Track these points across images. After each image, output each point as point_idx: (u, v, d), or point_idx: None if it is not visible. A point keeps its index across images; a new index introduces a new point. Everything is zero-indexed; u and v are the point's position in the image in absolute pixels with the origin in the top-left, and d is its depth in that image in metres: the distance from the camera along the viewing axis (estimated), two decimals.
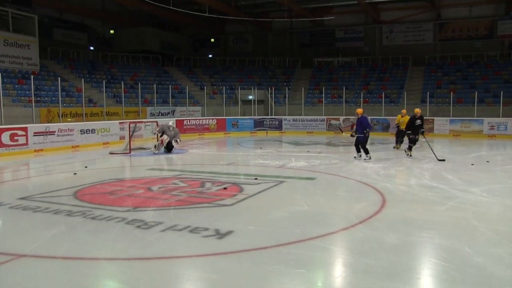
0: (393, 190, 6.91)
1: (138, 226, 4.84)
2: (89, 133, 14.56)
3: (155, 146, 12.36)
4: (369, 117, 20.97)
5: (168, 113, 21.99)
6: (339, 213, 5.52)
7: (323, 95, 23.64)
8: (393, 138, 17.53)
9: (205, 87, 24.07)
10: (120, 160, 11.25)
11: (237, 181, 7.81)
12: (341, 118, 21.61)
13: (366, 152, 10.75)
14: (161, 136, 12.27)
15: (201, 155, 12.54)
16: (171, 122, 12.64)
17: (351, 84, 28.15)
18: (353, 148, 11.55)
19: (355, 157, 10.70)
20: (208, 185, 7.37)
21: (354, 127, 10.69)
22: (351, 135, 11.08)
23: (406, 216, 5.36)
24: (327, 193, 6.78)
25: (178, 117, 21.62)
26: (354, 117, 12.06)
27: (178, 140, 12.42)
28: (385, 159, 10.92)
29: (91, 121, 16.73)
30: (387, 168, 9.24)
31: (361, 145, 10.81)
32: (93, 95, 22.31)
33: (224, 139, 19.18)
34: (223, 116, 22.08)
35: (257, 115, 22.96)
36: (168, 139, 12.21)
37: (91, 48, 28.67)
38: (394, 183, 7.52)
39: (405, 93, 22.33)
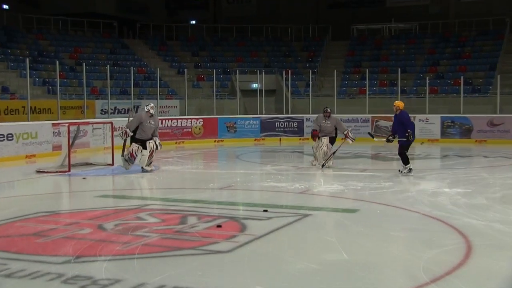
0: (483, 229, 6.77)
1: (83, 287, 4.76)
2: (3, 140, 14.62)
3: (126, 160, 12.26)
4: (439, 115, 21.15)
5: (128, 109, 22.10)
6: (397, 266, 5.44)
7: (367, 82, 23.71)
8: (478, 148, 17.41)
9: (185, 70, 24.20)
10: (54, 183, 11.25)
11: (236, 215, 7.76)
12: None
13: (405, 161, 11.38)
14: (132, 139, 12.06)
15: (180, 174, 12.54)
16: (150, 105, 12.20)
17: (411, 64, 28.49)
18: (418, 163, 11.61)
19: (400, 171, 11.44)
20: (192, 220, 7.29)
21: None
22: (388, 140, 11.62)
23: (505, 273, 5.22)
24: (377, 234, 6.65)
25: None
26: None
27: (157, 143, 12.25)
28: (467, 181, 10.86)
29: (7, 121, 16.80)
30: (471, 195, 9.11)
31: (400, 152, 11.36)
32: (9, 81, 22.48)
33: (214, 150, 19.21)
34: (213, 114, 22.17)
35: (266, 113, 23.00)
36: (140, 147, 12.00)
37: (5, 7, 28.89)
38: (485, 218, 7.38)
39: (498, 76, 22.25)
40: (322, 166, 12.33)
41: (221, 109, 23.64)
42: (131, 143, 12.09)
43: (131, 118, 12.48)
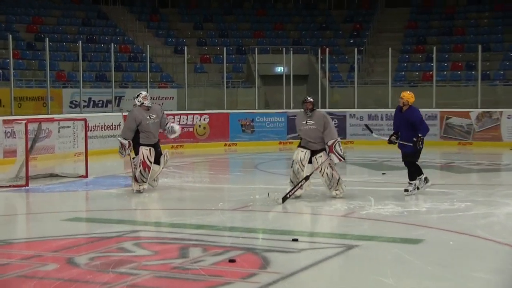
0: None
1: None
2: None
3: (136, 178, 11.44)
4: (478, 111, 21.05)
5: (108, 101, 22.26)
6: None
7: (434, 64, 23.57)
8: None
9: (185, 48, 24.27)
10: (6, 201, 11.27)
11: (254, 245, 7.77)
12: (475, 112, 21.42)
13: (413, 176, 11.22)
14: (136, 147, 11.51)
15: (178, 190, 12.60)
16: (142, 95, 11.73)
17: (496, 38, 28.33)
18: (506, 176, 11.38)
19: (408, 191, 11.15)
20: (195, 252, 7.28)
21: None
22: (390, 141, 11.56)
23: None
24: (450, 275, 6.55)
25: (128, 112, 21.69)
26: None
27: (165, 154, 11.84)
28: None
29: None
30: None
31: (407, 162, 11.22)
32: None
33: (224, 157, 19.27)
34: (223, 109, 22.24)
35: (294, 107, 22.99)
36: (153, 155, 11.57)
37: None
38: None
39: None
40: (284, 199, 10.32)
41: (233, 102, 23.70)
42: (136, 151, 11.51)
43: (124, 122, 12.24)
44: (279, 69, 25.94)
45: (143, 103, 11.52)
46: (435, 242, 7.90)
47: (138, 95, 11.64)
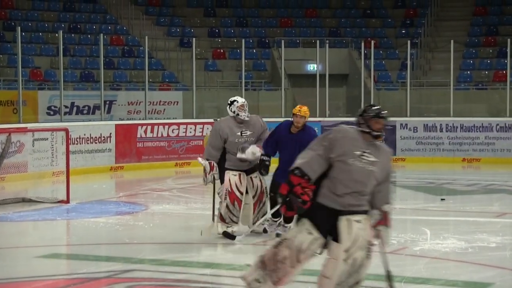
0: None
1: None
2: None
3: (221, 217, 10.46)
4: None
5: (96, 107, 22.37)
6: None
7: (508, 60, 23.44)
8: None
9: (193, 40, 24.36)
10: None
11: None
12: None
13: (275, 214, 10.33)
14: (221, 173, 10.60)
15: (183, 218, 12.68)
16: (240, 101, 10.56)
17: None
18: None
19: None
20: None
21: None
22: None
23: None
24: None
25: (121, 120, 21.99)
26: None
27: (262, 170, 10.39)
28: None
29: None
30: None
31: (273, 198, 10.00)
32: None
33: None
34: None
35: (331, 115, 23.01)
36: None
37: None
38: None
39: None
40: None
41: (254, 107, 23.73)
42: (221, 180, 10.68)
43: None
44: (312, 67, 26.01)
45: (238, 114, 10.48)
46: (507, 286, 7.92)
47: (232, 103, 10.56)
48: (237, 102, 10.54)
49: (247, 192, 10.42)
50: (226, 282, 8.01)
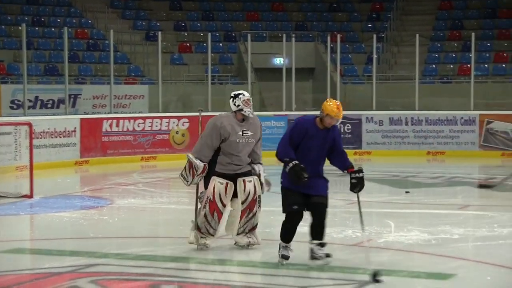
0: None
1: None
2: None
3: (197, 226, 9.40)
4: None
5: (61, 101, 22.25)
6: None
7: (472, 55, 23.62)
8: None
9: (159, 33, 24.30)
10: None
11: (246, 283, 7.85)
12: None
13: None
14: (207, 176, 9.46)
15: (148, 212, 12.65)
16: (245, 95, 9.38)
17: None
18: None
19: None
20: None
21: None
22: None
23: None
24: None
25: (86, 114, 21.92)
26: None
27: (262, 179, 9.66)
28: None
29: None
30: None
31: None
32: None
33: None
34: (207, 110, 22.26)
35: (298, 109, 23.04)
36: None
37: None
38: None
39: None
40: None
41: (221, 102, 23.73)
42: (206, 184, 9.53)
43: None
44: (278, 61, 26.02)
45: (242, 109, 9.36)
46: (469, 277, 7.97)
47: (237, 96, 9.38)
48: (243, 95, 9.35)
49: (236, 196, 9.25)
50: (191, 275, 8.00)
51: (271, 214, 10.62)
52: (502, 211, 12.16)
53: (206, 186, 9.40)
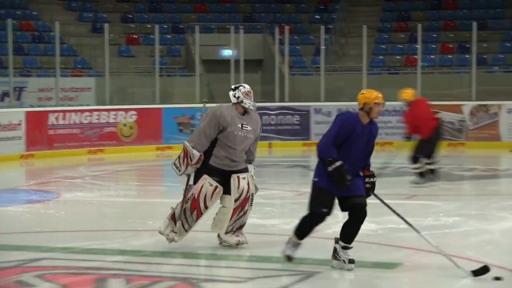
0: None
1: None
2: None
3: (173, 216, 8.94)
4: None
5: (5, 93, 22.01)
6: None
7: (419, 45, 23.85)
8: None
9: (105, 25, 24.13)
10: None
11: (192, 274, 7.84)
12: (468, 106, 21.78)
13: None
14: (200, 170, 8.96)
15: (95, 206, 12.59)
16: (245, 88, 9.19)
17: (495, 14, 28.49)
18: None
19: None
20: (115, 284, 7.34)
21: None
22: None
23: None
24: None
25: (32, 107, 21.67)
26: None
27: (251, 176, 9.18)
28: None
29: None
30: None
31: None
32: None
33: (156, 164, 19.37)
34: (155, 103, 22.25)
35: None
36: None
37: None
38: None
39: None
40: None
41: (168, 94, 23.69)
42: (196, 179, 9.07)
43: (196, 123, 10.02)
44: (227, 53, 25.96)
45: (242, 101, 9.10)
46: (415, 266, 8.06)
47: (238, 88, 9.19)
48: (244, 87, 9.15)
49: (228, 193, 8.80)
50: (137, 268, 7.96)
51: None
52: (449, 201, 12.40)
53: (196, 180, 8.92)
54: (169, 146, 21.24)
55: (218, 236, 8.98)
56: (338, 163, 7.66)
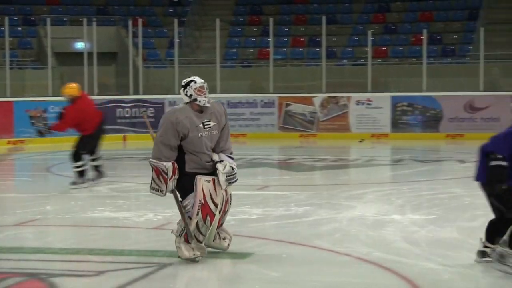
0: (452, 281, 7.15)
1: None
2: None
3: (185, 238, 7.81)
4: (389, 94, 22.12)
5: None
6: None
7: (271, 39, 24.16)
8: (450, 146, 18.51)
9: None
10: None
11: (40, 269, 7.65)
12: (319, 98, 22.20)
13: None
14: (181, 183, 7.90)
15: None
16: (198, 81, 7.80)
17: (344, 9, 29.21)
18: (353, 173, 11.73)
19: None
20: None
21: None
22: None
23: None
24: None
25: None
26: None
27: (232, 166, 7.99)
28: (431, 201, 11.45)
29: None
30: (435, 224, 9.60)
31: None
32: None
33: (7, 158, 19.00)
34: (5, 96, 21.76)
35: (99, 94, 22.73)
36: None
37: None
38: (455, 262, 7.74)
39: (482, 30, 23.16)
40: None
41: (19, 87, 23.16)
42: (182, 193, 7.95)
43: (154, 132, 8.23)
44: (80, 45, 25.56)
45: (195, 99, 7.80)
46: (266, 255, 8.15)
47: (188, 84, 7.83)
48: (195, 83, 7.77)
49: None
50: (56, 267, 7.85)
51: None
52: (299, 191, 12.59)
53: (184, 193, 7.87)
54: (21, 140, 20.78)
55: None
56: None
